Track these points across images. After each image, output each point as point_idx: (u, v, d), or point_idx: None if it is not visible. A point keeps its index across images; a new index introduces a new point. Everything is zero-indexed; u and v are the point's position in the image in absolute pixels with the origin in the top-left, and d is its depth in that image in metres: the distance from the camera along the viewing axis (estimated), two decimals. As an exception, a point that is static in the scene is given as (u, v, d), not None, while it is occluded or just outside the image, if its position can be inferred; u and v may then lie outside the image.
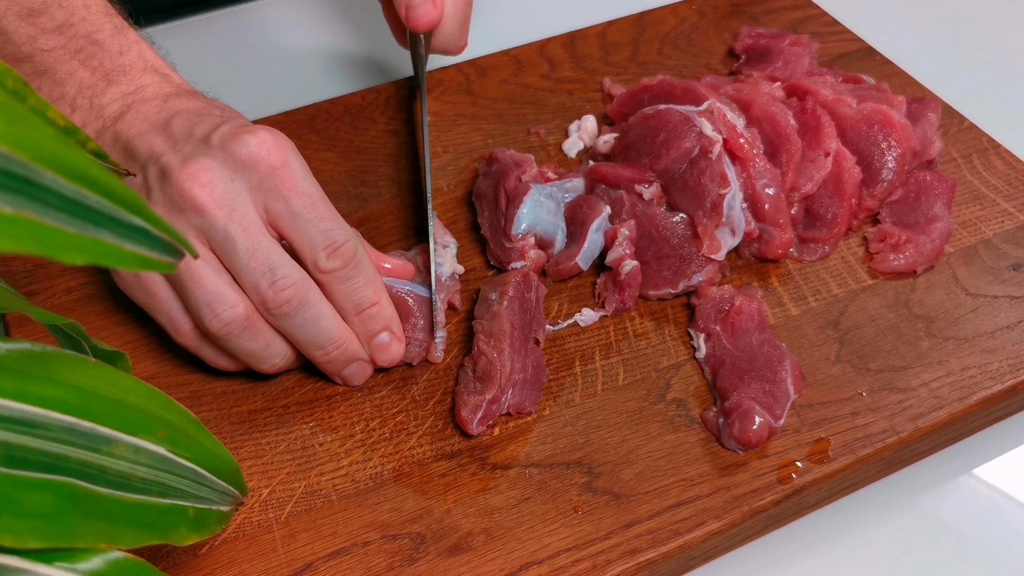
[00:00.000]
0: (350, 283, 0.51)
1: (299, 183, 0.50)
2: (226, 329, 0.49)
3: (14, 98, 0.29)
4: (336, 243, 0.50)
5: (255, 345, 0.51)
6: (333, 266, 0.50)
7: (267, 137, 0.50)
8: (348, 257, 0.50)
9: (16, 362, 0.31)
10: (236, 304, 0.49)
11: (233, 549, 0.47)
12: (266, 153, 0.49)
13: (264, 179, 0.49)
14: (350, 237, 0.51)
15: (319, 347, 0.51)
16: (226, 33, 0.84)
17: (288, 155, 0.50)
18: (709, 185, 0.57)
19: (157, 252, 0.29)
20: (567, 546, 0.47)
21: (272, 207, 0.50)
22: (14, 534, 0.28)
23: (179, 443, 0.36)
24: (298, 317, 0.50)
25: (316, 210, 0.50)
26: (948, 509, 0.53)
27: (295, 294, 0.49)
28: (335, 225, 0.50)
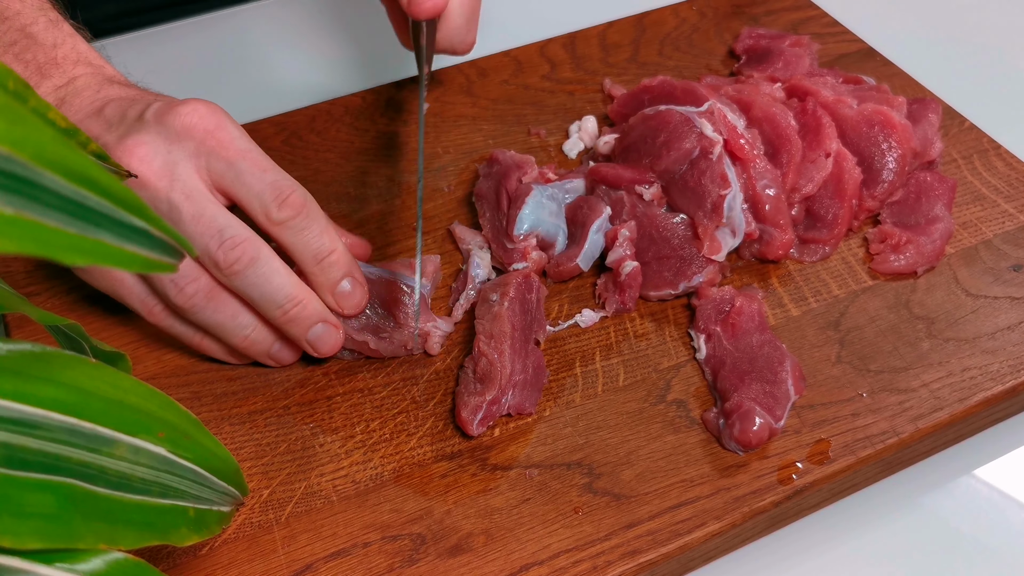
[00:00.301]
0: (305, 233, 0.51)
1: (236, 141, 0.50)
2: (191, 302, 0.50)
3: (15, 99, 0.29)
4: (284, 193, 0.50)
5: (222, 316, 0.51)
6: (285, 215, 0.50)
7: (198, 105, 0.50)
8: (299, 205, 0.50)
9: (16, 363, 0.31)
10: (199, 276, 0.49)
11: (233, 550, 0.47)
12: (199, 119, 0.50)
13: (201, 143, 0.49)
14: (297, 186, 0.51)
15: (277, 305, 0.50)
16: (226, 34, 0.84)
17: (221, 118, 0.50)
18: (709, 186, 0.57)
19: (157, 253, 0.29)
20: (567, 547, 0.47)
21: (214, 168, 0.50)
22: (14, 535, 0.28)
23: (179, 444, 0.36)
24: (250, 275, 0.49)
25: (258, 164, 0.50)
26: (949, 510, 0.53)
27: (244, 251, 0.49)
28: (279, 176, 0.50)
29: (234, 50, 0.82)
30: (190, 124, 0.49)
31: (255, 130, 0.70)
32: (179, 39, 0.82)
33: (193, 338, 0.53)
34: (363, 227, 0.63)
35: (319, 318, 0.52)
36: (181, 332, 0.53)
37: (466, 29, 0.61)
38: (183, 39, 0.82)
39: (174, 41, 0.82)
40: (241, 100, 0.76)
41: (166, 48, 0.81)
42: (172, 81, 0.77)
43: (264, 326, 0.52)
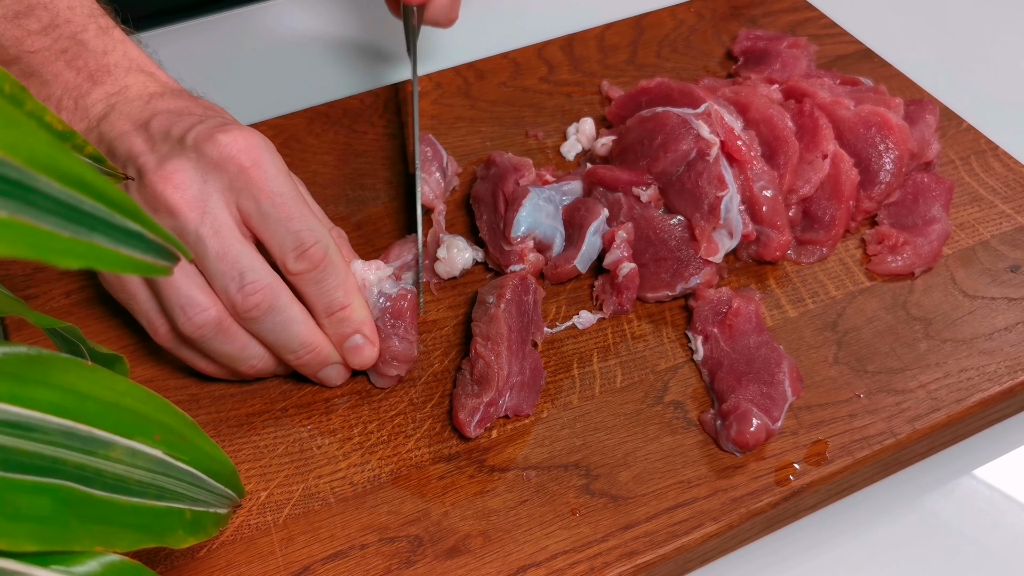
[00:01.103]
0: (320, 285, 0.51)
1: (270, 183, 0.50)
2: (199, 332, 0.49)
3: (10, 103, 0.29)
4: (305, 245, 0.50)
5: (230, 348, 0.51)
6: (301, 268, 0.50)
7: (239, 136, 0.50)
8: (317, 259, 0.50)
9: (12, 366, 0.31)
10: (208, 308, 0.49)
11: (231, 552, 0.47)
12: (237, 152, 0.49)
13: (235, 179, 0.49)
14: (321, 238, 0.50)
15: (290, 351, 0.51)
16: (225, 36, 0.84)
17: (260, 154, 0.50)
18: (706, 187, 0.57)
19: (152, 256, 0.29)
20: (564, 548, 0.47)
21: (244, 206, 0.50)
22: (10, 537, 0.28)
23: (176, 446, 0.36)
24: (268, 322, 0.50)
25: (286, 210, 0.50)
26: (946, 511, 0.53)
27: (264, 299, 0.49)
28: (305, 226, 0.50)
29: (232, 53, 0.82)
30: (228, 156, 0.49)
31: (253, 133, 0.70)
32: (177, 42, 0.82)
33: (197, 362, 0.53)
34: (361, 229, 0.63)
35: (331, 362, 0.53)
36: (184, 355, 0.53)
37: (451, 6, 0.63)
38: (181, 42, 0.82)
39: (172, 45, 0.82)
40: (239, 103, 0.76)
41: (164, 52, 0.81)
42: (171, 84, 0.77)
43: (270, 358, 0.52)
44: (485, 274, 0.61)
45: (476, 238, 0.63)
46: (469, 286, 0.60)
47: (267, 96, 0.76)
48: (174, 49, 0.81)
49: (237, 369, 0.52)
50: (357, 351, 0.52)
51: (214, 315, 0.49)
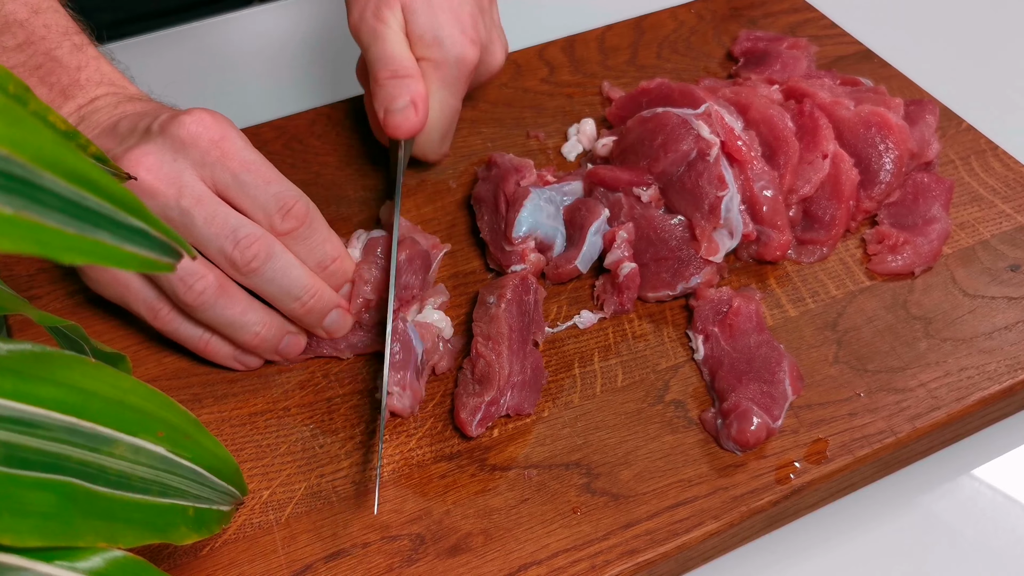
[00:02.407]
0: (309, 242, 0.52)
1: (240, 152, 0.51)
2: (201, 299, 0.50)
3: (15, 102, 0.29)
4: (288, 204, 0.51)
5: (232, 312, 0.51)
6: (290, 226, 0.51)
7: (203, 115, 0.51)
8: (302, 215, 0.51)
9: (17, 363, 0.31)
10: (206, 274, 0.50)
11: (234, 550, 0.47)
12: (204, 129, 0.50)
13: (206, 153, 0.50)
14: (300, 196, 0.52)
15: (295, 297, 0.52)
16: (226, 39, 0.84)
17: (226, 128, 0.51)
18: (707, 187, 0.58)
19: (156, 253, 0.29)
20: (566, 547, 0.47)
21: (219, 179, 0.50)
22: (15, 533, 0.29)
23: (179, 443, 0.36)
24: (268, 270, 0.51)
25: (262, 175, 0.51)
26: (946, 510, 0.53)
27: (261, 247, 0.50)
28: (283, 187, 0.51)
29: (234, 54, 0.82)
30: (195, 133, 0.50)
31: (255, 134, 0.70)
32: (179, 44, 0.82)
33: (199, 341, 0.54)
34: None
35: (334, 305, 0.54)
36: (188, 336, 0.53)
37: (440, 143, 0.64)
38: (183, 44, 0.83)
39: (174, 46, 0.82)
40: (242, 104, 0.76)
41: (166, 53, 0.81)
42: (173, 86, 0.77)
43: (273, 323, 0.53)
44: (486, 274, 0.61)
45: (477, 239, 0.63)
46: (470, 286, 0.60)
47: (269, 97, 0.77)
48: (177, 50, 0.82)
49: (242, 339, 0.53)
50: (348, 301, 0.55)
51: (213, 280, 0.50)
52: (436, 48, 0.60)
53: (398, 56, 0.59)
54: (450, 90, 0.61)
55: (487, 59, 0.64)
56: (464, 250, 0.63)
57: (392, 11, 0.60)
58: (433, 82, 0.60)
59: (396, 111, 0.59)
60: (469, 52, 0.60)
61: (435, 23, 0.60)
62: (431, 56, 0.60)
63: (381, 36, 0.59)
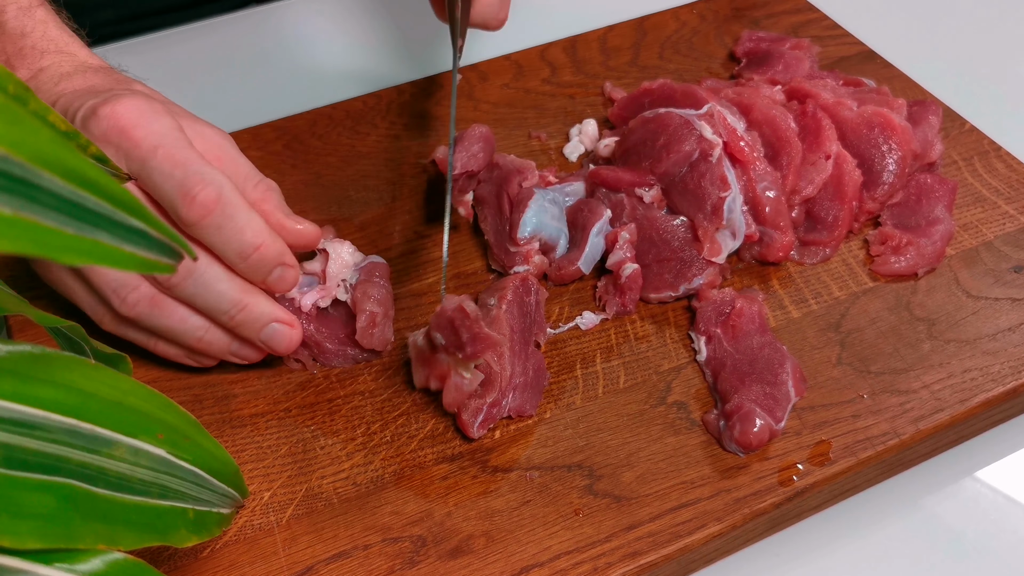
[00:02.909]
0: (223, 231, 0.47)
1: (148, 138, 0.47)
2: (136, 311, 0.49)
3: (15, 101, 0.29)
4: (192, 191, 0.46)
5: (170, 322, 0.50)
6: (194, 216, 0.46)
7: (117, 105, 0.47)
8: (210, 203, 0.46)
9: (16, 364, 0.31)
10: (138, 285, 0.48)
11: (234, 552, 0.47)
12: (116, 119, 0.47)
13: (119, 146, 0.47)
14: (210, 182, 0.46)
15: (222, 312, 0.49)
16: (229, 39, 0.84)
17: (139, 115, 0.47)
18: (709, 188, 0.58)
19: (155, 253, 0.29)
20: (568, 549, 0.47)
21: (132, 171, 0.47)
22: (14, 535, 0.28)
23: (179, 445, 0.36)
24: (189, 286, 0.48)
25: (170, 160, 0.46)
26: (950, 512, 0.53)
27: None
28: (191, 171, 0.46)
29: (235, 55, 0.82)
30: (108, 127, 0.47)
31: (256, 134, 0.70)
32: (181, 44, 0.82)
33: (148, 342, 0.52)
34: (364, 230, 0.64)
35: (270, 319, 0.50)
36: (135, 338, 0.52)
37: (499, 6, 0.60)
38: (185, 44, 0.82)
39: (176, 46, 0.82)
40: (242, 104, 0.76)
41: (168, 53, 0.81)
42: (174, 86, 0.77)
43: (215, 328, 0.51)
44: (488, 275, 0.61)
45: (479, 240, 0.63)
46: (471, 287, 0.60)
47: (270, 97, 0.76)
48: (179, 50, 0.82)
49: (187, 343, 0.51)
50: (281, 281, 0.51)
51: (146, 291, 0.48)
52: None
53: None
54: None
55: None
56: (466, 251, 0.63)
57: None
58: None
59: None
60: None
61: None
62: None
63: None
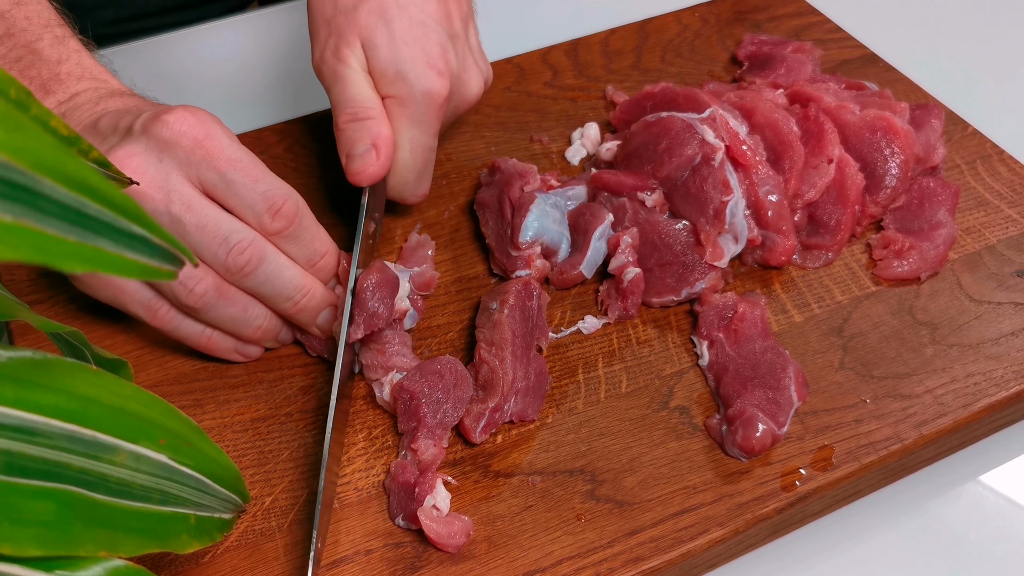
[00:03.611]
0: (299, 240, 0.52)
1: (226, 150, 0.50)
2: (202, 301, 0.50)
3: (16, 107, 0.29)
4: (276, 203, 0.50)
5: (234, 310, 0.52)
6: (279, 227, 0.51)
7: (186, 113, 0.50)
8: (292, 215, 0.51)
9: (17, 370, 0.31)
10: (205, 276, 0.50)
11: (236, 557, 0.47)
12: (188, 128, 0.49)
13: (191, 153, 0.49)
14: (289, 194, 0.51)
15: (287, 298, 0.52)
16: (229, 42, 0.84)
17: (211, 126, 0.50)
18: (711, 192, 0.57)
19: (157, 260, 0.29)
20: (570, 554, 0.47)
21: (205, 178, 0.50)
22: (14, 542, 0.28)
23: (181, 451, 0.36)
24: (261, 274, 0.51)
25: (249, 173, 0.50)
26: (953, 516, 0.53)
27: (253, 253, 0.50)
28: (271, 185, 0.50)
29: (237, 57, 0.82)
30: (178, 133, 0.49)
31: (258, 138, 0.70)
32: (183, 47, 0.82)
33: (200, 337, 0.53)
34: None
35: (326, 304, 0.54)
36: (188, 333, 0.53)
37: (415, 183, 0.60)
38: (187, 47, 0.82)
39: (177, 49, 0.82)
40: (244, 107, 0.76)
41: (170, 56, 0.81)
42: (175, 89, 0.77)
43: (274, 315, 0.54)
44: (489, 279, 0.61)
45: (480, 244, 0.63)
46: (473, 291, 0.60)
47: (271, 100, 0.77)
48: (180, 53, 0.82)
49: (243, 333, 0.53)
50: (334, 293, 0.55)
51: (212, 282, 0.50)
52: (400, 84, 0.56)
53: (358, 97, 0.56)
54: (420, 127, 0.57)
55: (460, 90, 0.59)
56: (467, 255, 0.63)
57: (351, 49, 0.56)
58: (400, 120, 0.56)
59: (356, 156, 0.55)
60: (436, 85, 0.56)
61: (397, 57, 0.55)
62: (396, 93, 0.56)
63: (341, 77, 0.56)
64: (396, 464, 0.50)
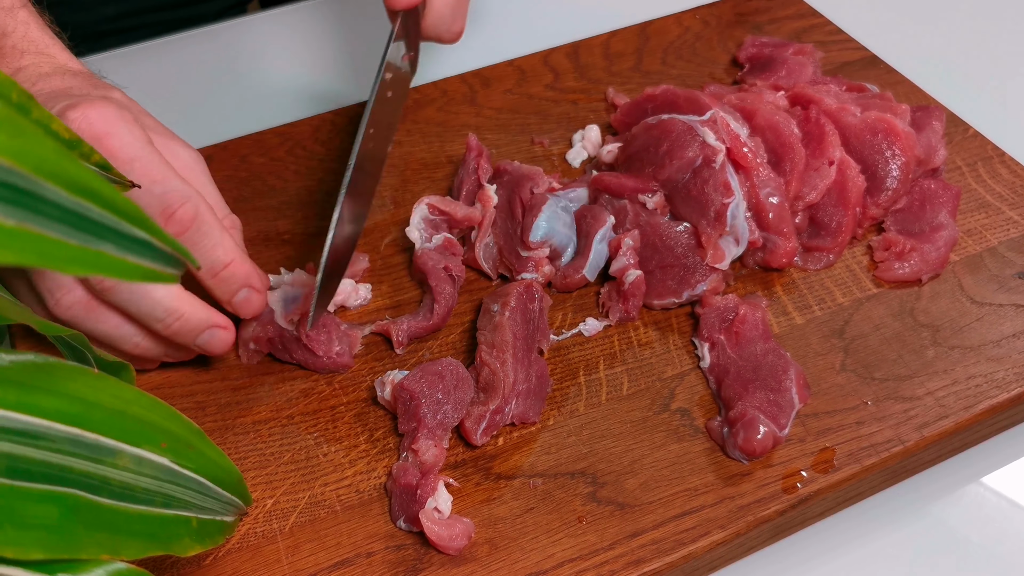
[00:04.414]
0: (197, 247, 0.49)
1: (124, 149, 0.47)
2: (69, 313, 0.48)
3: (17, 111, 0.29)
4: (171, 207, 0.47)
5: (106, 327, 0.49)
6: (172, 232, 0.48)
7: (89, 109, 0.47)
8: (188, 220, 0.48)
9: (19, 373, 0.31)
10: (73, 288, 0.48)
11: (237, 560, 0.47)
12: (88, 125, 0.47)
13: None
14: (189, 197, 0.48)
15: (156, 320, 0.49)
16: (230, 45, 0.84)
17: (112, 123, 0.47)
18: (712, 194, 0.57)
19: (159, 264, 0.29)
20: (571, 556, 0.47)
21: None
22: (17, 545, 0.28)
23: (182, 454, 0.36)
24: (124, 292, 0.48)
25: (147, 174, 0.47)
26: (955, 518, 0.53)
27: None
28: (169, 187, 0.48)
29: (238, 60, 0.82)
30: (79, 130, 0.46)
31: (259, 140, 0.70)
32: (183, 49, 0.82)
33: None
34: (366, 237, 0.64)
35: (205, 326, 0.50)
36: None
37: (451, 18, 0.58)
38: (187, 49, 0.82)
39: (178, 52, 0.82)
40: (245, 110, 0.76)
41: (171, 59, 0.81)
42: (176, 91, 0.77)
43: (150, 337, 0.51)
44: (491, 281, 0.61)
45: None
46: (475, 294, 0.60)
47: (273, 103, 0.77)
48: (181, 56, 0.82)
49: (121, 349, 0.51)
50: (247, 303, 0.52)
51: (80, 294, 0.48)
52: None
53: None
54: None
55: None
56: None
57: None
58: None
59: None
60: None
61: None
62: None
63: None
64: (398, 466, 0.50)
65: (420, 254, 0.58)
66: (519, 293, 0.55)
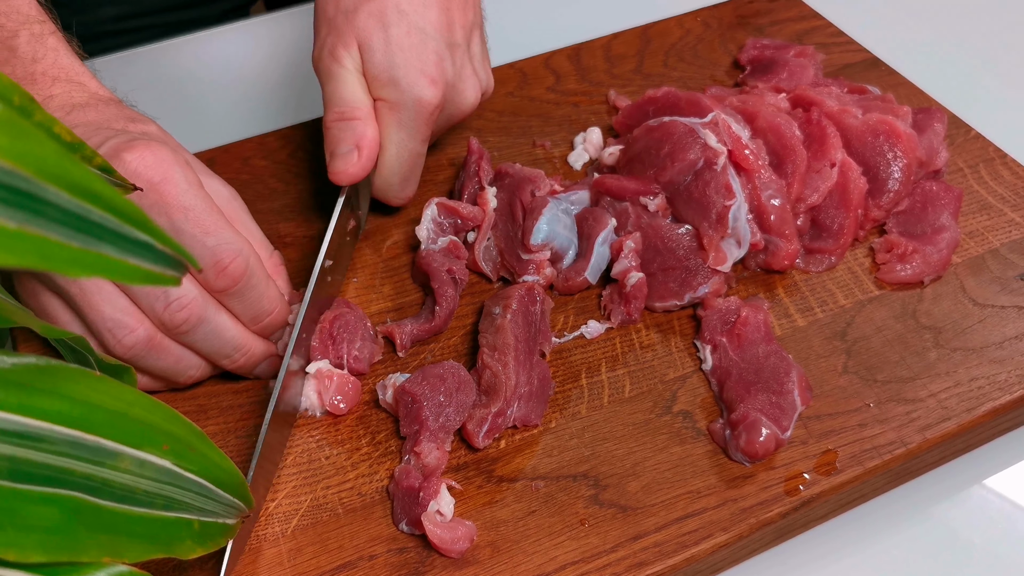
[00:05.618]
0: (244, 299, 0.50)
1: (180, 197, 0.48)
2: (131, 352, 0.49)
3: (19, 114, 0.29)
4: (224, 261, 0.48)
5: (165, 363, 0.50)
6: (223, 285, 0.49)
7: (145, 153, 0.48)
8: (238, 275, 0.49)
9: (21, 376, 0.31)
10: (136, 328, 0.48)
11: (239, 563, 0.47)
12: (144, 169, 0.47)
13: (143, 197, 0.47)
14: (239, 252, 0.49)
15: (224, 356, 0.51)
16: (232, 47, 0.84)
17: (168, 169, 0.48)
18: (714, 196, 0.57)
19: (161, 266, 0.29)
20: (573, 559, 0.47)
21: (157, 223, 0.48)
22: (18, 548, 0.28)
23: (184, 456, 0.36)
24: (199, 333, 0.49)
25: (200, 224, 0.48)
26: (957, 520, 0.53)
27: (191, 313, 0.48)
28: (221, 240, 0.49)
29: (241, 63, 0.82)
30: (134, 173, 0.47)
31: (262, 143, 0.70)
32: (186, 52, 0.82)
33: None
34: (368, 239, 0.64)
35: (265, 358, 0.53)
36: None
37: (400, 186, 0.60)
38: (190, 52, 0.83)
39: (181, 54, 0.82)
40: (247, 112, 0.76)
41: (173, 61, 0.82)
42: (179, 94, 0.78)
43: (206, 365, 0.52)
44: (492, 284, 0.61)
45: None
46: (476, 296, 0.60)
47: (274, 105, 0.77)
48: (183, 58, 0.82)
49: (175, 382, 0.52)
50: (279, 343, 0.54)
51: (143, 335, 0.48)
52: (392, 89, 0.56)
53: (347, 97, 0.56)
54: (408, 132, 0.57)
55: (455, 99, 0.59)
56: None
57: (348, 50, 0.56)
58: (389, 124, 0.57)
59: (338, 155, 0.56)
60: (428, 93, 0.56)
61: (391, 63, 0.56)
62: (387, 97, 0.57)
63: (334, 76, 0.57)
64: (400, 469, 0.50)
65: (424, 255, 0.58)
66: (521, 296, 0.54)
